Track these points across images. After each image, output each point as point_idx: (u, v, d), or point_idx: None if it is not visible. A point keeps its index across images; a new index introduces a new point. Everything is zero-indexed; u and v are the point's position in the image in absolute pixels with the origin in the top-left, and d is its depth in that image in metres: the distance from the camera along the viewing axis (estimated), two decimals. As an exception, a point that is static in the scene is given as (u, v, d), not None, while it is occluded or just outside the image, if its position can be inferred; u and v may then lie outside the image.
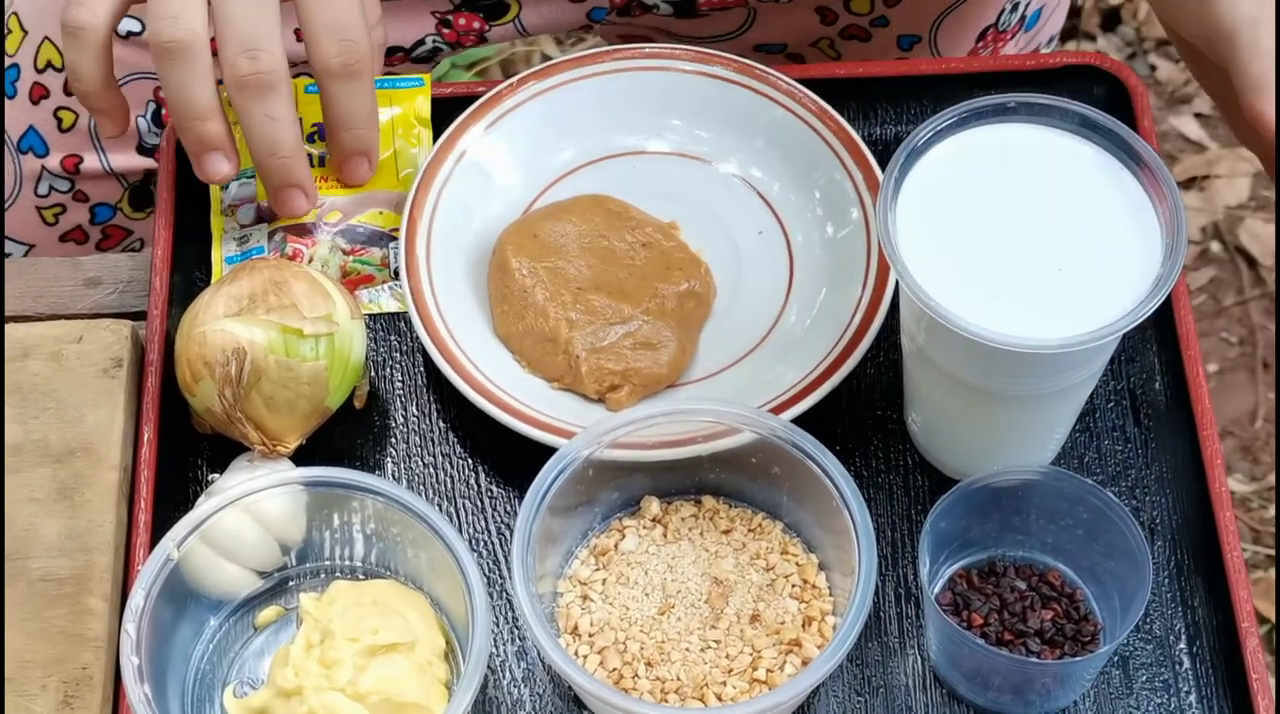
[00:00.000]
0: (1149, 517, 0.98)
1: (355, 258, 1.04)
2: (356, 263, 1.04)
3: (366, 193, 1.05)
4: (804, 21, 1.19)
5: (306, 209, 1.03)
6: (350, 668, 0.90)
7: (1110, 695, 0.93)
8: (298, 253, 1.03)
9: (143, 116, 1.19)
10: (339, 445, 1.00)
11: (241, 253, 1.04)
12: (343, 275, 1.04)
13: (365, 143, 1.03)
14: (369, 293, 1.04)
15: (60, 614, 0.94)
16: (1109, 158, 0.90)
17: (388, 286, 1.04)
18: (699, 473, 0.97)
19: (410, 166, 1.07)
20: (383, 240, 1.05)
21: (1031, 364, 0.88)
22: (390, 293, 1.04)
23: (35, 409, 1.00)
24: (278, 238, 1.04)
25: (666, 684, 0.92)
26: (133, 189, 1.23)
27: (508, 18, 1.19)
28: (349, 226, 1.04)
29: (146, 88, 1.18)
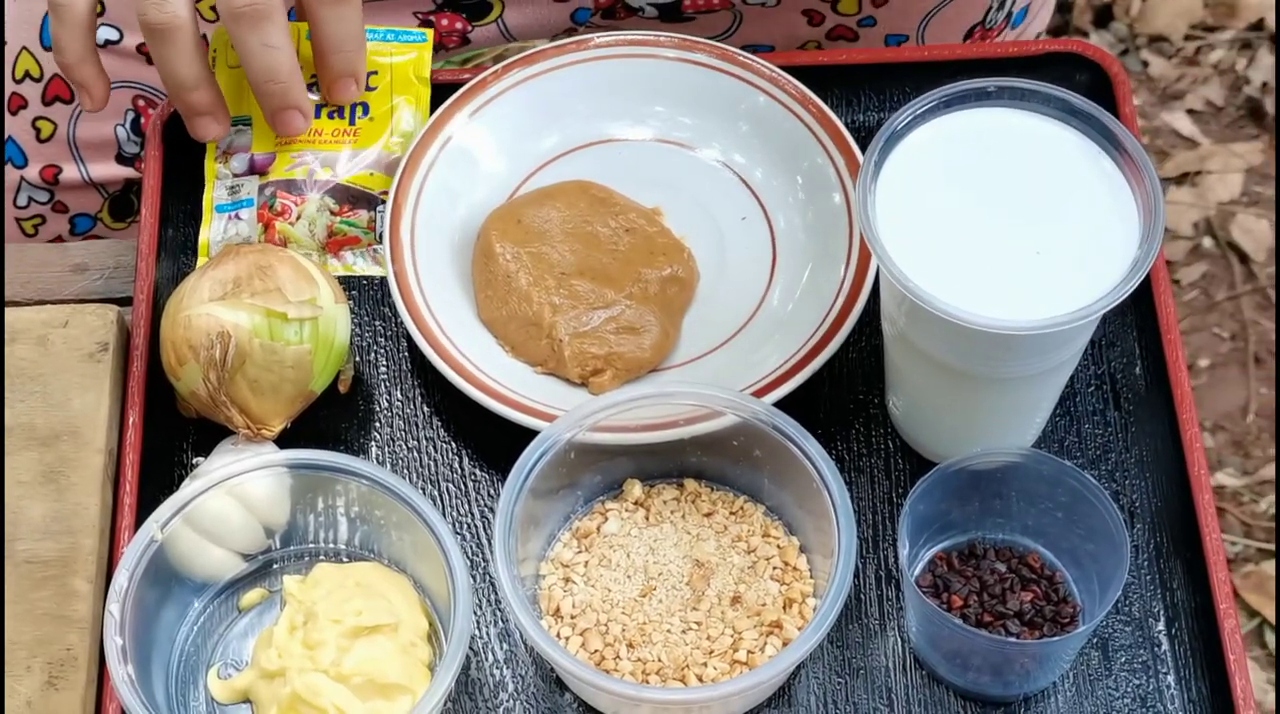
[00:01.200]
0: (1129, 500, 0.98)
1: (343, 219, 1.04)
2: (344, 224, 1.04)
3: (359, 151, 1.06)
4: (791, 24, 1.19)
5: (304, 128, 1.04)
6: (333, 649, 0.91)
7: (1089, 677, 0.94)
8: (286, 208, 1.04)
9: (121, 125, 1.19)
10: (323, 429, 1.01)
11: (232, 202, 1.05)
12: (329, 235, 1.04)
13: (353, 65, 1.04)
14: (352, 255, 1.04)
15: (45, 596, 0.95)
16: (1088, 142, 0.90)
17: (371, 250, 1.04)
18: (681, 456, 0.97)
19: (403, 133, 1.07)
20: (371, 203, 1.05)
21: (1011, 346, 0.89)
22: (372, 257, 1.04)
23: (21, 393, 1.00)
24: (268, 192, 1.04)
25: (648, 665, 0.92)
26: (113, 199, 1.23)
27: (490, 18, 1.19)
28: (339, 186, 1.04)
29: (125, 96, 1.18)
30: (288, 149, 1.06)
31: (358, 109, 1.07)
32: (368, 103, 1.07)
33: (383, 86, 1.08)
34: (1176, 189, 2.16)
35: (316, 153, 1.05)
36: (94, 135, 1.20)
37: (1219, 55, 2.28)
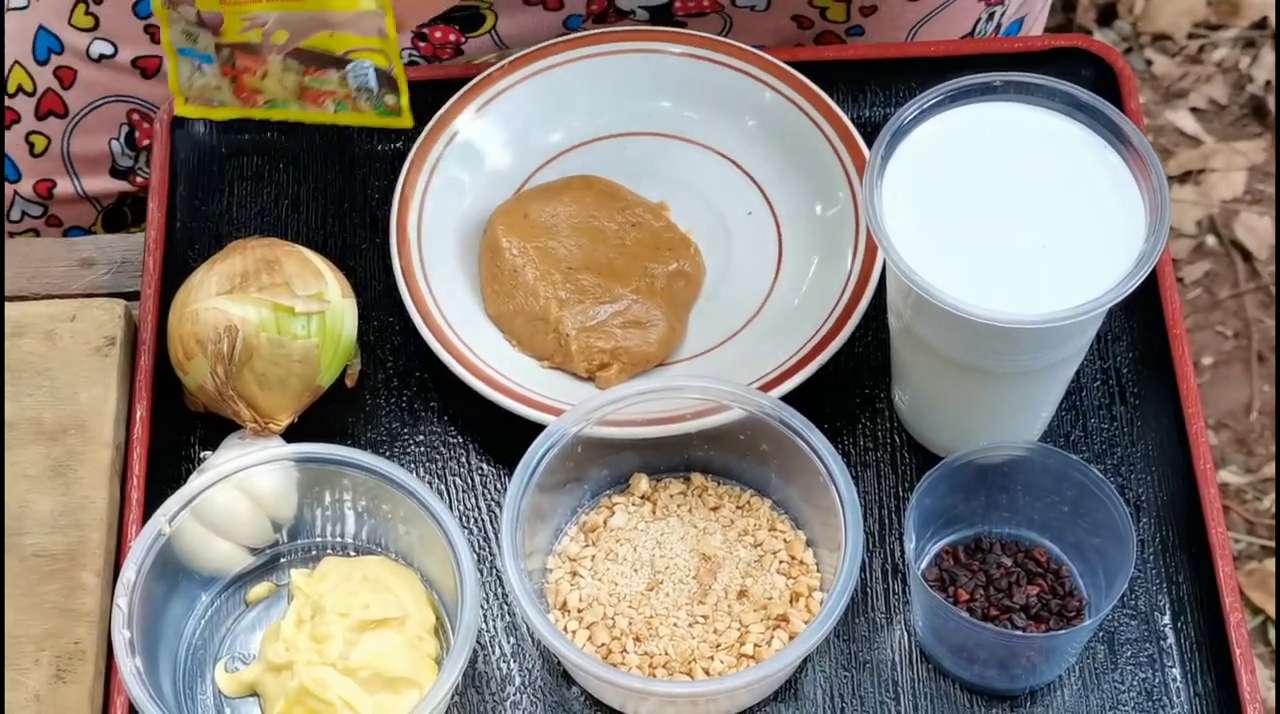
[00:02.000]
0: (1134, 494, 0.98)
1: (311, 78, 0.98)
2: (314, 82, 0.98)
3: (313, 13, 0.97)
4: (780, 28, 1.19)
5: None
6: (341, 643, 0.91)
7: (1095, 670, 0.94)
8: (246, 70, 0.97)
9: (115, 139, 1.19)
10: (331, 423, 1.01)
11: (191, 49, 0.98)
12: (301, 91, 0.97)
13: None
14: (334, 104, 0.97)
15: (53, 589, 0.95)
16: (1094, 136, 0.91)
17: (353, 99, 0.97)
18: (688, 450, 0.97)
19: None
20: (337, 63, 0.97)
21: (1017, 340, 0.89)
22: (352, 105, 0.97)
23: (29, 387, 1.00)
24: (225, 54, 0.97)
25: (655, 659, 0.92)
26: (106, 212, 1.23)
27: (484, 29, 1.19)
28: (299, 50, 0.97)
29: (120, 110, 1.18)
30: (235, 8, 0.97)
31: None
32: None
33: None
34: (1180, 187, 2.16)
35: (269, 12, 0.97)
36: (88, 149, 1.19)
37: (1222, 53, 2.28)
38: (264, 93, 0.98)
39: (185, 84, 0.98)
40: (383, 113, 0.97)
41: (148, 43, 1.14)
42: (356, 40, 0.97)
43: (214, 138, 1.10)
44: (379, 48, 0.96)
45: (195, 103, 0.99)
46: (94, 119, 1.18)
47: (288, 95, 0.97)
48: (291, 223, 1.08)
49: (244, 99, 0.98)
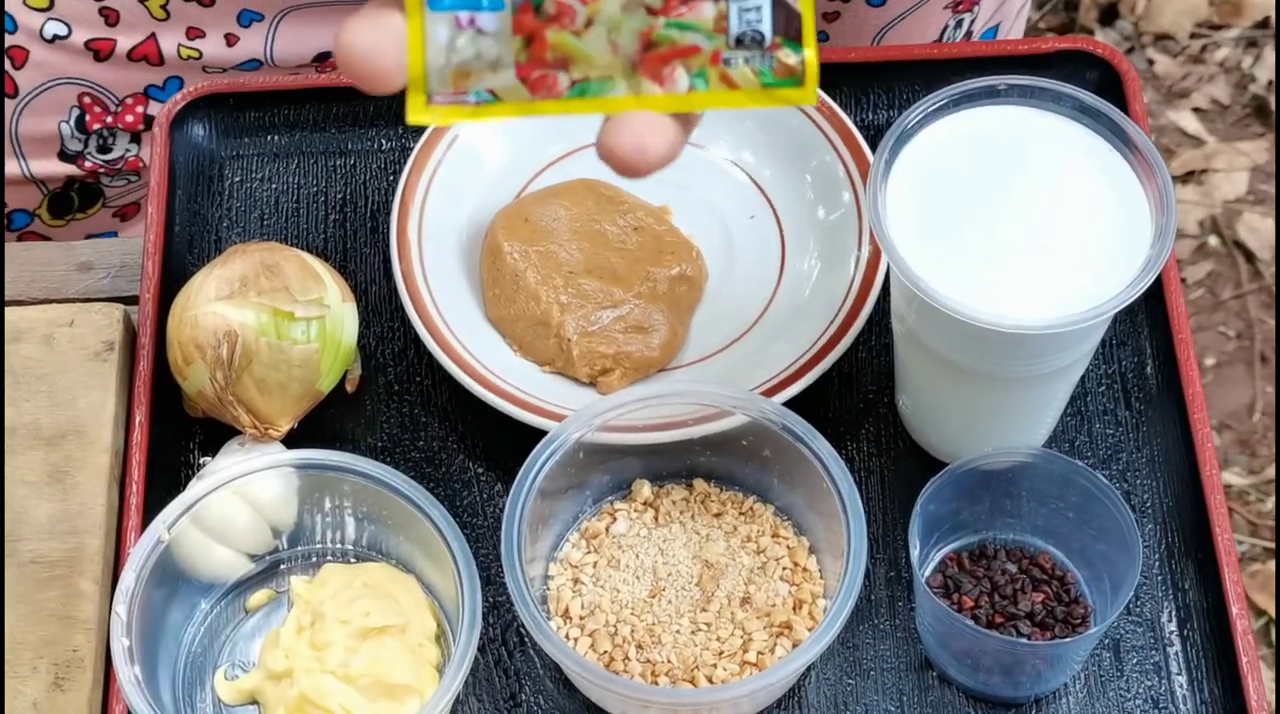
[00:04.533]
0: (1140, 500, 0.98)
1: (670, 19, 0.65)
2: (671, 26, 0.64)
3: None
4: None
5: None
6: (341, 650, 0.90)
7: (1101, 678, 0.93)
8: (566, 10, 0.64)
9: (65, 122, 1.18)
10: (331, 429, 1.00)
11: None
12: (644, 47, 0.65)
13: None
14: (686, 75, 0.65)
15: (51, 596, 0.94)
16: (1099, 140, 0.90)
17: (721, 62, 0.65)
18: (690, 456, 0.97)
19: None
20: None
21: (1022, 346, 0.88)
22: (721, 77, 0.65)
23: (27, 392, 1.00)
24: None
25: (657, 666, 0.92)
26: (52, 196, 1.21)
27: None
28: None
29: (70, 93, 1.17)
30: None
31: None
32: None
33: None
34: (1182, 187, 2.16)
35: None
36: (36, 130, 1.18)
37: (1224, 53, 2.28)
38: (575, 63, 0.64)
39: (436, 67, 0.64)
40: (773, 84, 0.65)
41: (102, 25, 1.13)
42: None
43: (213, 140, 1.09)
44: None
45: (444, 101, 0.64)
46: (44, 100, 1.16)
47: (615, 66, 0.65)
48: (291, 227, 1.07)
49: (536, 83, 0.64)
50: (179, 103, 1.08)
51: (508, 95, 0.63)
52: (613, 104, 0.64)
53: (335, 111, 1.10)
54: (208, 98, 1.09)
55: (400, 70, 0.63)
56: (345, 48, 0.62)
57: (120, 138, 1.18)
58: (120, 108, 1.17)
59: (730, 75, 0.64)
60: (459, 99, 0.63)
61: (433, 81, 0.63)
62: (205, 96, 1.09)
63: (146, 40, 1.13)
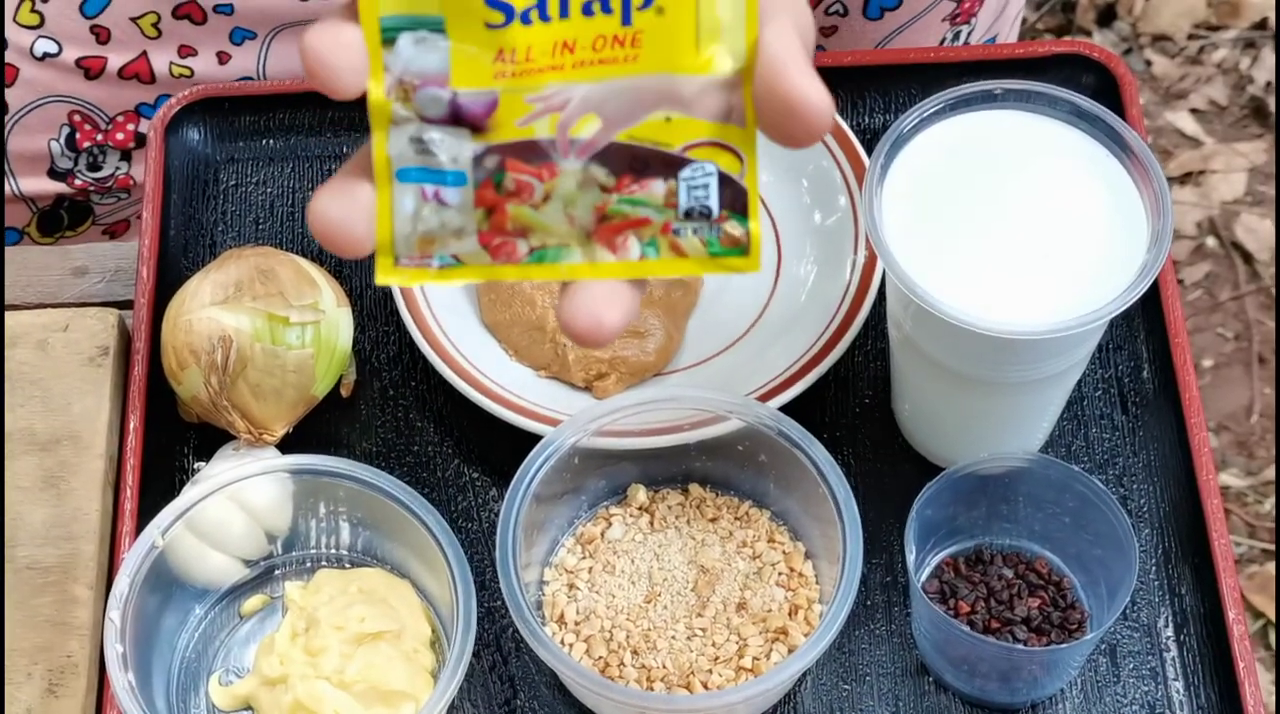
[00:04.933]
0: (1136, 505, 0.98)
1: (622, 196, 0.67)
2: (623, 203, 0.67)
3: (646, 80, 0.66)
4: None
5: None
6: (336, 656, 0.90)
7: (1098, 684, 0.93)
8: (525, 188, 0.67)
9: (55, 140, 1.17)
10: (326, 434, 1.00)
11: (424, 169, 0.67)
12: (599, 220, 0.67)
13: None
14: (638, 244, 0.67)
15: (45, 602, 0.94)
16: (1095, 145, 0.90)
17: (671, 233, 0.67)
18: (686, 461, 0.96)
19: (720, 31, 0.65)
20: (670, 165, 0.67)
21: (1018, 350, 0.88)
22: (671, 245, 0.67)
23: (21, 397, 1.00)
24: (490, 162, 0.66)
25: (653, 672, 0.92)
26: (41, 214, 1.21)
27: None
28: (614, 145, 0.67)
29: (61, 111, 1.16)
30: (517, 82, 0.66)
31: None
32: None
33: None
34: (1180, 189, 2.16)
35: (569, 85, 0.66)
36: (26, 148, 1.17)
37: (1222, 54, 2.28)
38: (533, 232, 0.67)
39: (403, 235, 0.67)
40: (719, 253, 0.68)
41: (93, 43, 1.13)
42: (701, 129, 0.67)
43: (208, 145, 1.09)
44: (730, 142, 0.67)
45: (411, 264, 0.67)
46: (34, 118, 1.16)
47: (571, 235, 0.67)
48: (287, 231, 1.07)
49: (496, 249, 0.66)
50: (174, 107, 1.08)
51: (470, 260, 0.67)
52: (569, 271, 0.67)
53: (330, 116, 1.10)
54: (203, 102, 1.09)
55: (370, 237, 0.66)
56: (319, 217, 0.66)
57: (110, 156, 1.18)
58: (111, 126, 1.16)
59: (680, 244, 0.67)
60: (424, 262, 0.67)
61: (399, 246, 0.66)
62: (200, 101, 1.08)
63: (138, 58, 1.13)
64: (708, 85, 0.66)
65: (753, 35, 0.65)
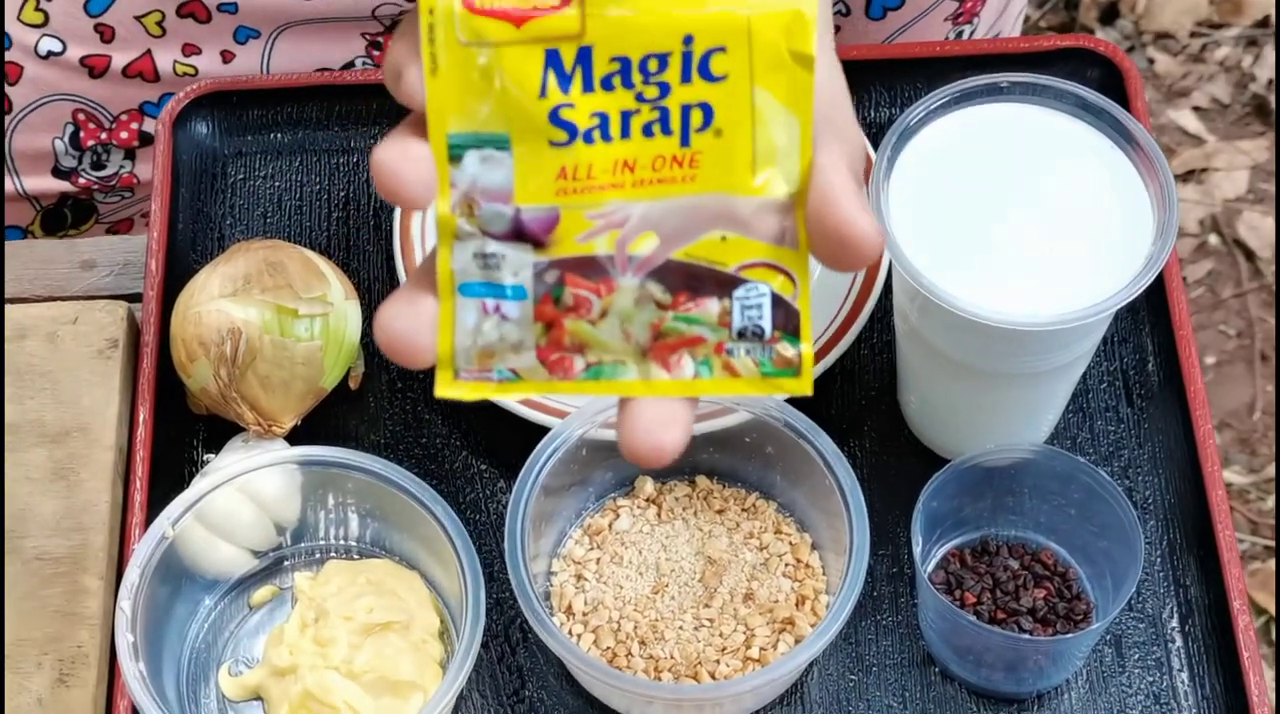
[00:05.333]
0: (1141, 497, 0.98)
1: (678, 313, 0.68)
2: (678, 320, 0.68)
3: (700, 199, 0.67)
4: None
5: None
6: (345, 647, 0.91)
7: (1103, 674, 0.94)
8: (583, 303, 0.67)
9: (59, 138, 1.17)
10: (334, 426, 1.00)
11: (486, 284, 0.68)
12: (654, 337, 0.68)
13: None
14: (692, 363, 0.68)
15: (56, 593, 0.95)
16: (1101, 137, 0.90)
17: (724, 353, 0.68)
18: (693, 453, 0.97)
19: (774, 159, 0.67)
20: (724, 285, 0.67)
21: (1024, 342, 0.88)
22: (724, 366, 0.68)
23: (31, 389, 1.00)
24: (550, 277, 0.67)
25: (660, 662, 0.92)
26: (45, 212, 1.21)
27: None
28: (671, 263, 0.67)
29: (64, 109, 1.16)
30: (579, 199, 0.67)
31: (693, 116, 0.66)
32: (709, 104, 0.66)
33: (734, 72, 0.66)
34: (1182, 186, 2.16)
35: (629, 203, 0.67)
36: (30, 147, 1.17)
37: (1224, 52, 2.28)
38: (590, 348, 0.68)
39: (464, 348, 0.67)
40: (771, 373, 0.68)
41: (97, 41, 1.13)
42: (756, 249, 0.67)
43: (216, 139, 1.09)
44: (783, 264, 0.67)
45: (470, 377, 0.68)
46: (38, 117, 1.16)
47: (627, 352, 0.68)
48: (295, 225, 1.07)
49: (554, 365, 0.68)
50: (182, 100, 1.08)
51: (528, 375, 0.68)
52: (624, 387, 0.68)
53: (338, 109, 1.10)
54: (211, 95, 1.09)
55: (433, 349, 0.67)
56: (385, 329, 0.67)
57: (114, 154, 1.18)
58: (115, 124, 1.17)
59: (733, 364, 0.68)
60: (483, 376, 0.68)
61: (459, 360, 0.68)
62: (208, 94, 1.09)
63: (142, 57, 1.13)
64: (762, 207, 0.67)
65: (806, 160, 0.66)
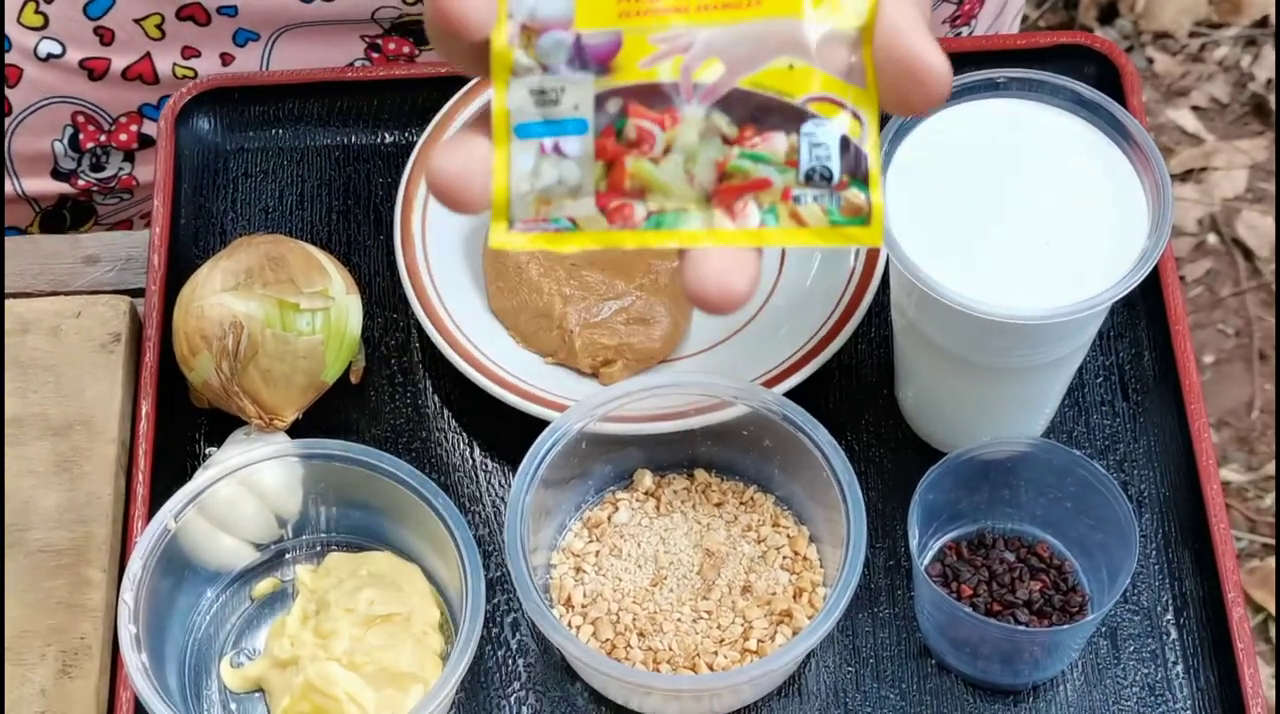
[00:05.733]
0: (1137, 490, 0.99)
1: (744, 150, 0.65)
2: (745, 157, 0.65)
3: (766, 24, 0.64)
4: None
5: None
6: (346, 639, 0.91)
7: (1098, 666, 0.94)
8: (646, 136, 0.64)
9: (59, 140, 1.17)
10: (335, 419, 1.01)
11: (545, 122, 0.64)
12: (719, 177, 0.65)
13: None
14: (758, 211, 0.65)
15: (59, 585, 0.95)
16: (1097, 133, 0.91)
17: (791, 199, 0.65)
18: (691, 446, 0.97)
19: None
20: (793, 117, 0.64)
21: (1020, 336, 0.89)
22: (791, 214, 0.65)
23: (35, 383, 1.01)
24: (612, 107, 0.64)
25: (659, 654, 0.92)
26: (45, 214, 1.21)
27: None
28: (737, 92, 0.64)
29: (64, 112, 1.16)
30: (642, 22, 0.64)
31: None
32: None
33: None
34: (1181, 185, 2.16)
35: (693, 27, 0.64)
36: (29, 149, 1.18)
37: (1223, 52, 2.28)
38: (652, 193, 0.65)
39: (520, 193, 0.65)
40: (840, 223, 0.65)
41: (97, 44, 1.13)
42: (823, 81, 0.64)
43: (218, 134, 1.10)
44: (851, 102, 0.65)
45: (528, 228, 0.65)
46: (37, 119, 1.16)
47: (690, 197, 0.65)
48: (296, 219, 1.08)
49: (614, 213, 0.65)
50: (184, 97, 1.09)
51: (586, 224, 0.65)
52: (687, 237, 0.65)
53: (339, 105, 1.11)
54: (213, 92, 1.10)
55: (486, 194, 0.64)
56: (436, 173, 0.64)
57: (114, 156, 1.19)
58: (114, 127, 1.17)
59: (800, 213, 0.65)
60: (540, 226, 0.64)
61: (515, 208, 0.64)
62: (210, 91, 1.09)
63: (141, 60, 1.14)
64: (830, 35, 0.64)
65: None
